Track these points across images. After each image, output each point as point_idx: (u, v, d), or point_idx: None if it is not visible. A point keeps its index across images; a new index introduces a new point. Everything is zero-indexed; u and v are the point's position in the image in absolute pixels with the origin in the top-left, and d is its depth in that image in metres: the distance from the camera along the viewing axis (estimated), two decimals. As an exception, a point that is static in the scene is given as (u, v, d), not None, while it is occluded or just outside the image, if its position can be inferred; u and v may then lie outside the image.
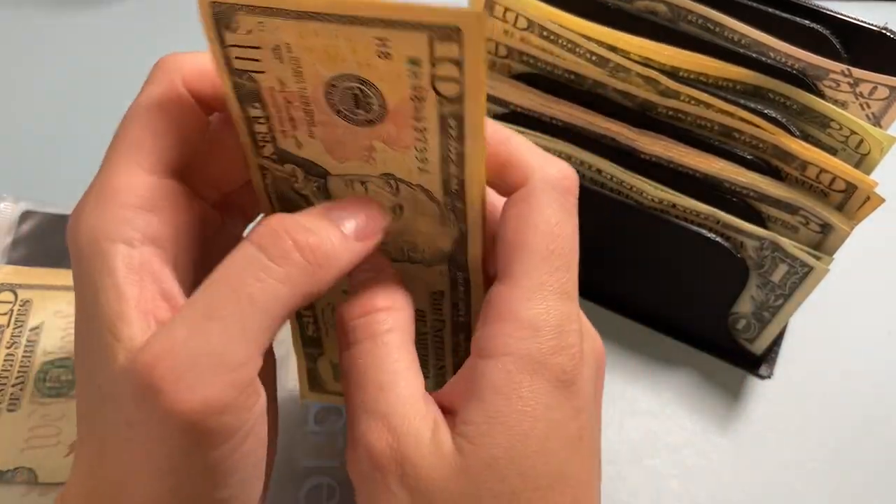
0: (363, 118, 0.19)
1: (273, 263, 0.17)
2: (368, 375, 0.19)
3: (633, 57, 0.31)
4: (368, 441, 0.18)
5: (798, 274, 0.31)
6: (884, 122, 0.30)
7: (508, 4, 0.31)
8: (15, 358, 0.30)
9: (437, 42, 0.16)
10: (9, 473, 0.28)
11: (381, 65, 0.17)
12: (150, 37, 0.47)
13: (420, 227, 0.21)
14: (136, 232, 0.18)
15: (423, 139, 0.18)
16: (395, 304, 0.20)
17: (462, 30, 0.16)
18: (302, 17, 0.17)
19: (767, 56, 0.30)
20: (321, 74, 0.18)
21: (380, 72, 0.17)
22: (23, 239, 0.33)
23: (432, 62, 0.17)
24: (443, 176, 0.19)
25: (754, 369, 0.36)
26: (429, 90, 0.17)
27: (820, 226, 0.30)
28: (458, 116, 0.17)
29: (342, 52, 0.17)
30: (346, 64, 0.17)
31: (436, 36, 0.16)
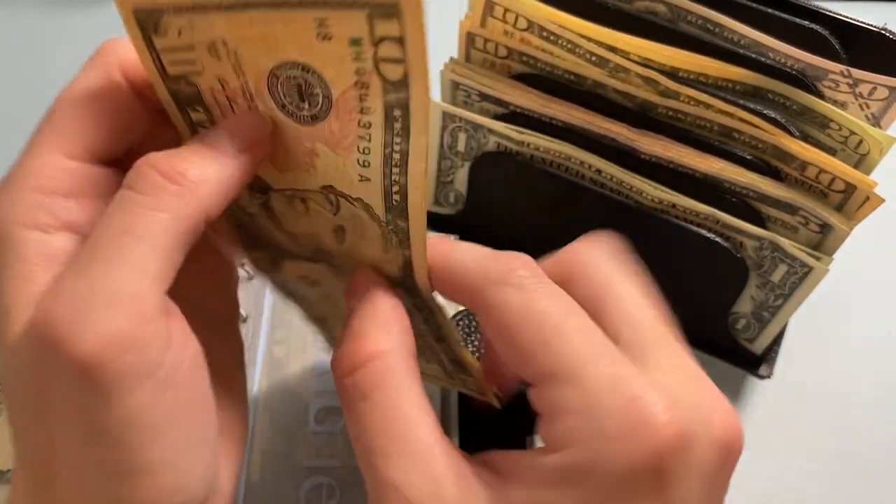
0: (307, 113, 0.18)
1: (145, 195, 0.16)
2: (371, 441, 0.17)
3: (633, 57, 0.31)
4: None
5: (797, 274, 0.31)
6: (883, 123, 0.30)
7: (508, 5, 0.31)
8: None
9: (378, 20, 0.15)
10: (9, 473, 0.28)
11: (322, 48, 0.16)
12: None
13: (365, 253, 0.20)
14: (51, 218, 0.17)
15: (366, 137, 0.17)
16: (383, 344, 0.18)
17: (401, 5, 0.15)
18: (234, 8, 0.16)
19: (767, 56, 0.30)
20: (262, 65, 0.17)
21: (322, 56, 0.16)
22: None
23: (374, 42, 0.16)
24: (384, 183, 0.18)
25: (754, 369, 0.36)
26: (373, 73, 0.16)
27: (819, 226, 0.30)
28: (403, 105, 0.16)
29: (281, 38, 0.16)
30: (287, 50, 0.17)
31: (375, 13, 0.15)
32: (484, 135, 0.33)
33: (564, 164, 0.33)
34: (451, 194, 0.38)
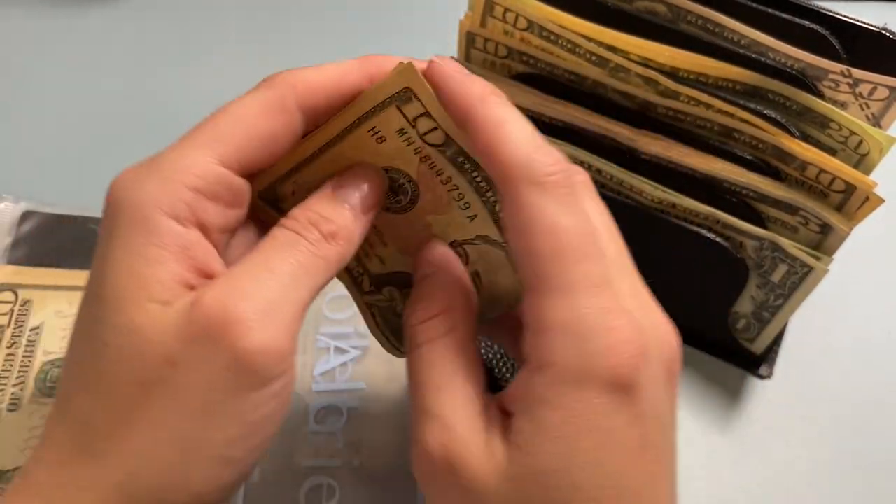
0: (406, 200, 0.22)
1: (312, 245, 0.20)
2: (427, 377, 0.20)
3: (633, 57, 0.31)
4: (425, 440, 0.19)
5: (798, 274, 0.31)
6: (883, 123, 0.30)
7: (508, 5, 0.31)
8: (15, 358, 0.30)
9: (403, 106, 0.19)
10: (9, 473, 0.28)
11: (385, 149, 0.20)
12: (150, 38, 0.47)
13: (501, 285, 0.22)
14: (190, 213, 0.19)
15: (454, 187, 0.21)
16: (451, 303, 0.21)
17: (412, 87, 0.19)
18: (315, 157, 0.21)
19: (767, 56, 0.30)
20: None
21: (387, 154, 0.20)
22: (23, 239, 0.33)
23: (412, 124, 0.20)
24: (488, 210, 0.21)
25: (754, 369, 0.36)
26: (425, 147, 0.20)
27: (819, 226, 0.30)
28: (460, 153, 0.20)
29: (357, 158, 0.20)
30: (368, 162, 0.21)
31: (399, 103, 0.19)
32: (484, 135, 0.34)
33: (564, 164, 0.33)
34: (452, 194, 0.38)
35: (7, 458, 0.28)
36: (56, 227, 0.34)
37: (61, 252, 0.33)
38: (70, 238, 0.33)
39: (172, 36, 0.47)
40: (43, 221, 0.34)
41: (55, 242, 0.33)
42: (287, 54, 0.47)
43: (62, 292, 0.32)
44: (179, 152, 0.19)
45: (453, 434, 0.19)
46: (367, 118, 0.20)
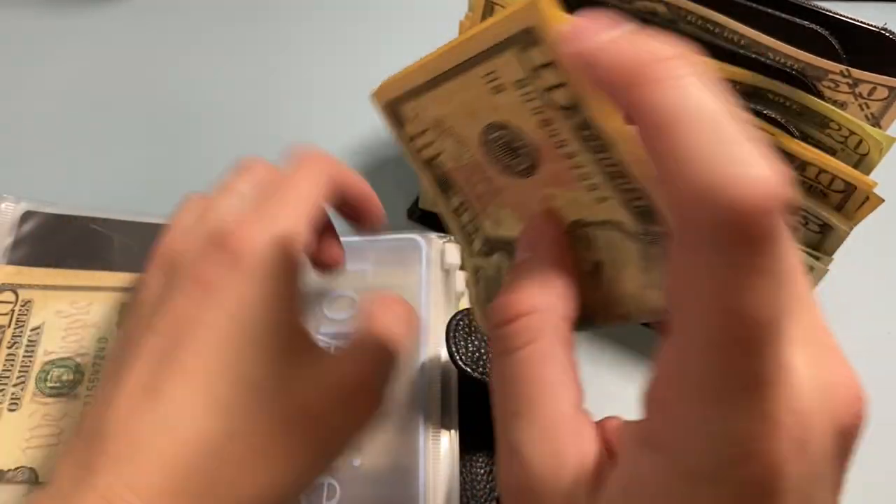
0: (524, 166, 0.18)
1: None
2: (505, 399, 0.17)
3: (633, 57, 0.31)
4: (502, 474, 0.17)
5: (797, 274, 0.31)
6: (883, 123, 0.30)
7: (508, 5, 0.31)
8: (16, 358, 0.30)
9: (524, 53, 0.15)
10: (10, 473, 0.28)
11: (501, 101, 0.17)
12: (150, 38, 0.47)
13: (625, 288, 0.18)
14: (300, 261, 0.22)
15: (579, 165, 0.17)
16: (539, 302, 0.17)
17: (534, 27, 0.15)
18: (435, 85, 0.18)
19: (766, 56, 0.30)
20: (472, 134, 0.18)
21: (505, 108, 0.17)
22: (24, 239, 0.33)
23: (534, 76, 0.16)
24: (621, 197, 0.17)
25: (754, 369, 0.36)
26: (547, 107, 0.16)
27: (819, 226, 0.30)
28: (587, 125, 0.16)
29: (473, 104, 0.17)
30: (482, 114, 0.17)
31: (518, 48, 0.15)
32: (484, 135, 0.33)
33: (564, 164, 0.33)
34: (452, 194, 0.38)
35: (8, 458, 0.28)
36: (57, 227, 0.34)
37: (62, 252, 0.33)
38: (71, 238, 0.33)
39: (173, 36, 0.47)
40: (43, 221, 0.34)
41: (56, 242, 0.33)
42: (287, 55, 0.47)
43: (63, 292, 0.32)
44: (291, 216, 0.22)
45: (531, 474, 0.16)
46: (481, 60, 0.16)
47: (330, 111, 0.44)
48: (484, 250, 0.21)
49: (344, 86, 0.45)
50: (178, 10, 0.48)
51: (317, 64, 0.46)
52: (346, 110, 0.44)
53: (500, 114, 0.17)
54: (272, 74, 0.46)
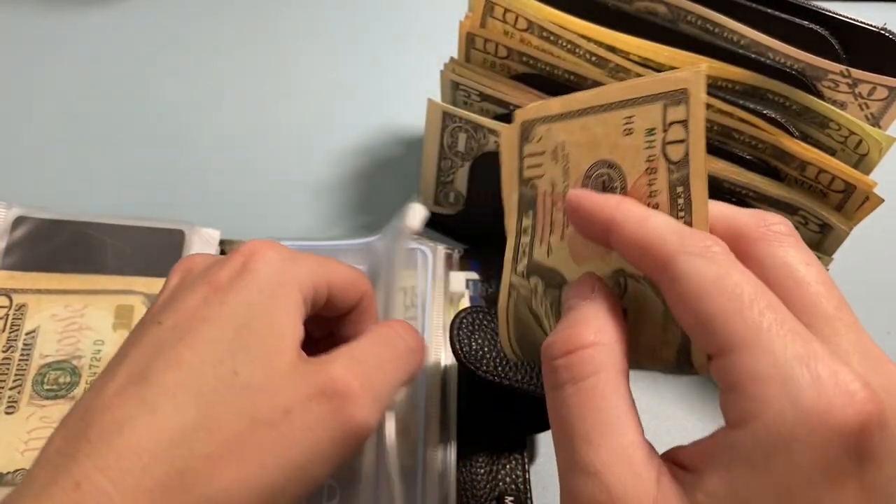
0: None
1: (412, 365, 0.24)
2: (575, 425, 0.17)
3: (633, 57, 0.31)
4: (580, 499, 0.17)
5: (797, 274, 0.31)
6: (883, 123, 0.31)
7: (508, 5, 0.31)
8: (12, 361, 0.30)
9: (670, 107, 0.18)
10: (9, 476, 0.27)
11: (624, 143, 0.19)
12: (147, 40, 0.46)
13: (641, 339, 0.20)
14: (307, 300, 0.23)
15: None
16: (601, 337, 0.18)
17: (689, 90, 0.18)
18: (575, 116, 0.20)
19: (766, 56, 0.30)
20: (582, 166, 0.20)
21: (623, 150, 0.19)
22: (16, 244, 0.33)
23: (665, 128, 0.18)
24: None
25: (753, 369, 0.36)
26: (660, 157, 0.18)
27: (819, 226, 0.30)
28: (685, 181, 0.18)
29: (599, 139, 0.20)
30: (601, 150, 0.20)
31: (668, 102, 0.18)
32: (484, 135, 0.33)
33: (564, 165, 0.33)
34: (451, 194, 0.38)
35: (5, 461, 0.28)
36: (49, 231, 0.34)
37: (55, 256, 0.33)
38: (63, 242, 0.33)
39: (170, 39, 0.47)
40: (36, 226, 0.34)
41: (49, 247, 0.33)
42: (287, 55, 0.46)
43: (57, 296, 0.32)
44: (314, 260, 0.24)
45: (614, 494, 0.16)
46: (631, 105, 0.19)
47: (330, 112, 0.44)
48: (525, 272, 0.22)
49: (344, 86, 0.45)
50: (176, 12, 0.48)
51: (317, 65, 0.46)
52: (346, 111, 0.44)
53: (616, 153, 0.19)
54: (271, 76, 0.45)
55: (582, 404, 0.17)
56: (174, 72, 0.45)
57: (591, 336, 0.18)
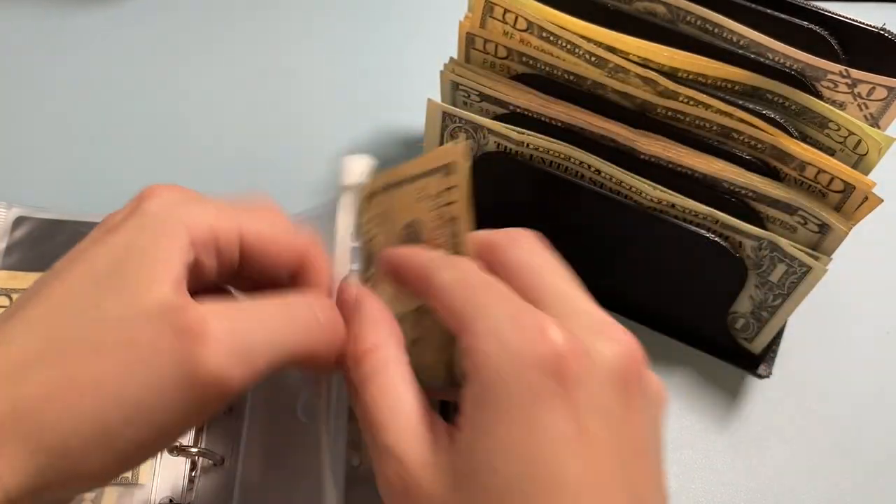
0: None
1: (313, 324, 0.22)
2: (373, 417, 0.21)
3: (633, 58, 0.31)
4: (383, 473, 0.20)
5: (796, 274, 0.31)
6: (882, 123, 0.31)
7: (508, 6, 0.31)
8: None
9: (445, 177, 0.24)
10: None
11: (420, 205, 0.24)
12: (149, 41, 0.46)
13: (425, 359, 0.24)
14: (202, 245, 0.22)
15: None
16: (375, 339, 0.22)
17: (458, 163, 0.23)
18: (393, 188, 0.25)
19: (766, 57, 0.30)
20: (398, 227, 0.25)
21: (421, 211, 0.24)
22: (17, 244, 0.33)
23: (445, 192, 0.24)
24: None
25: (753, 368, 0.36)
26: (441, 216, 0.24)
27: (818, 226, 0.30)
28: (457, 234, 0.24)
29: (408, 203, 0.25)
30: (407, 213, 0.25)
31: (443, 173, 0.24)
32: (484, 135, 0.33)
33: (564, 165, 0.33)
34: (451, 194, 0.38)
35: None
36: (50, 231, 0.34)
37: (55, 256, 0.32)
38: (64, 243, 0.33)
39: (171, 39, 0.47)
40: (36, 226, 0.34)
41: (49, 247, 0.33)
42: (286, 56, 0.47)
43: (60, 294, 0.32)
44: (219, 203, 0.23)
45: (404, 464, 0.20)
46: (425, 176, 0.24)
47: (329, 112, 0.44)
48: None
49: (343, 87, 0.45)
50: (177, 12, 0.48)
51: (316, 65, 0.46)
52: (346, 111, 0.44)
53: (417, 214, 0.24)
54: (272, 76, 0.45)
55: (375, 398, 0.21)
56: (174, 72, 0.45)
57: (366, 344, 0.22)
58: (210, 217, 0.22)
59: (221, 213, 0.22)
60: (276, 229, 0.23)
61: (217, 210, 0.22)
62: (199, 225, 0.22)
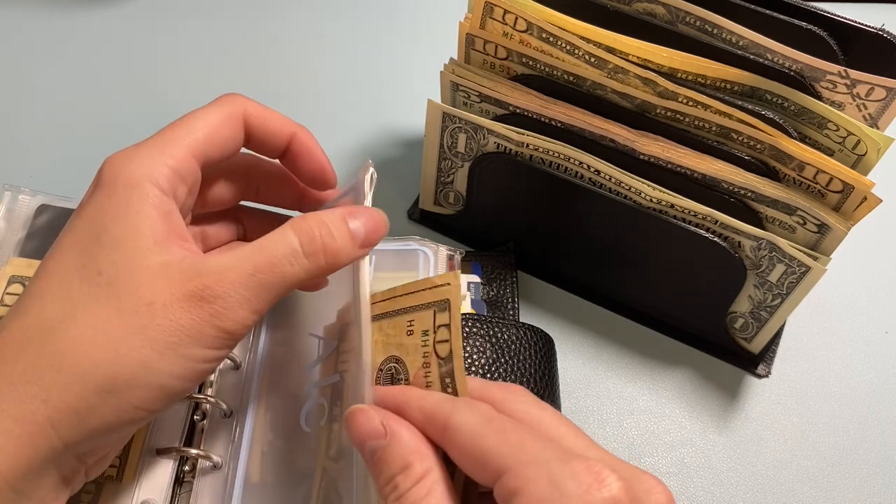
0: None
1: (305, 259, 0.23)
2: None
3: (632, 59, 0.31)
4: None
5: (795, 273, 0.31)
6: (881, 123, 0.31)
7: (507, 7, 0.31)
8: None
9: (438, 313, 0.23)
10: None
11: (407, 342, 0.24)
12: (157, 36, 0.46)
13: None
14: (169, 188, 0.24)
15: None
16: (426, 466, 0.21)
17: (450, 300, 0.23)
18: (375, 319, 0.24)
19: (765, 57, 0.30)
20: (376, 361, 0.24)
21: (406, 348, 0.24)
22: (37, 232, 0.33)
23: (435, 330, 0.23)
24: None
25: (752, 368, 0.36)
26: (432, 355, 0.23)
27: (817, 226, 0.30)
28: (451, 374, 0.23)
29: (390, 339, 0.24)
30: (391, 347, 0.24)
31: (437, 309, 0.23)
32: (484, 135, 0.34)
33: (563, 165, 0.33)
34: (451, 194, 0.38)
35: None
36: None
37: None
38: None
39: (177, 35, 0.47)
40: (57, 215, 0.34)
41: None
42: (287, 56, 0.47)
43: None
44: (163, 141, 0.24)
45: None
46: (413, 311, 0.24)
47: (330, 111, 0.44)
48: (334, 456, 0.26)
49: (344, 86, 0.45)
50: (176, 12, 0.48)
51: (316, 64, 0.46)
52: (346, 111, 0.44)
53: (401, 351, 0.24)
54: (272, 75, 0.46)
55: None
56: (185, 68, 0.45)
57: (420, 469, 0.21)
58: (160, 159, 0.23)
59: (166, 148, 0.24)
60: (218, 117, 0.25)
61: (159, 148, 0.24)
62: (158, 174, 0.23)
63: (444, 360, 0.23)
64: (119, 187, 0.23)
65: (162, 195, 0.23)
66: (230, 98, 0.26)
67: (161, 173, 0.23)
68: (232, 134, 0.26)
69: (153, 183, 0.23)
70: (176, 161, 0.24)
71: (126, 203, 0.23)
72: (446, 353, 0.23)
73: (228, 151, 0.26)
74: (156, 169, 0.23)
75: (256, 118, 0.26)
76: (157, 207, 0.23)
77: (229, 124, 0.25)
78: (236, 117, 0.26)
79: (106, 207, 0.23)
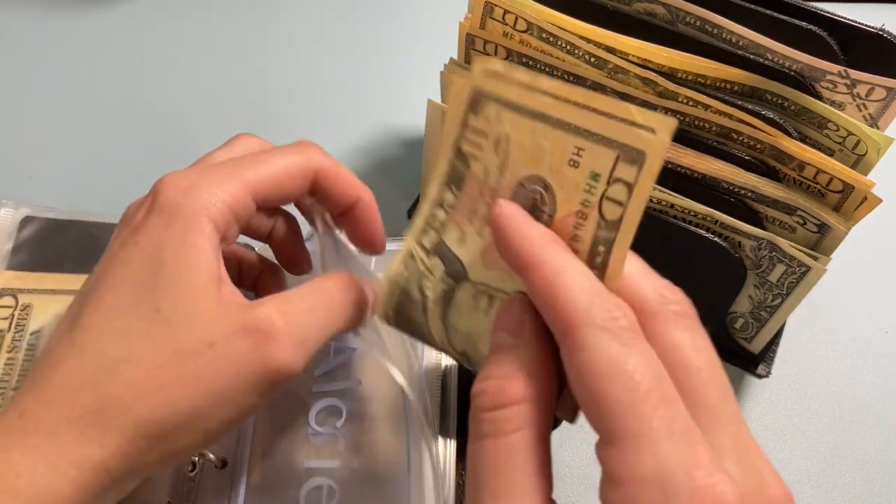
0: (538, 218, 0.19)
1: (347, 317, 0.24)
2: (487, 480, 0.18)
3: (632, 58, 0.31)
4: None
5: (795, 274, 0.31)
6: (881, 123, 0.31)
7: (508, 6, 0.31)
8: (16, 362, 0.30)
9: (621, 162, 0.17)
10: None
11: (567, 172, 0.18)
12: (149, 41, 0.46)
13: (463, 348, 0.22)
14: (223, 225, 0.23)
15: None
16: (529, 393, 0.18)
17: (647, 155, 0.17)
18: (529, 116, 0.19)
19: (765, 57, 0.30)
20: (519, 173, 0.19)
21: (563, 179, 0.19)
22: (23, 244, 0.33)
23: (609, 181, 0.18)
24: None
25: (752, 368, 0.36)
26: (594, 209, 0.18)
27: (817, 226, 0.30)
28: (608, 243, 0.18)
29: (543, 154, 0.19)
30: (542, 166, 0.19)
31: (622, 155, 0.17)
32: (483, 136, 0.33)
33: (563, 165, 0.33)
34: (451, 195, 0.38)
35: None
36: (56, 231, 0.34)
37: (61, 256, 0.33)
38: (70, 242, 0.33)
39: (172, 40, 0.47)
40: (43, 226, 0.34)
41: (55, 247, 0.33)
42: (287, 55, 0.47)
43: (62, 296, 0.32)
44: (226, 175, 0.24)
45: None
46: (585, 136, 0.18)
47: (330, 112, 0.44)
48: (430, 248, 0.22)
49: (344, 86, 0.45)
50: (177, 13, 0.48)
51: (316, 64, 0.46)
52: (346, 111, 0.44)
53: (556, 178, 0.19)
54: (272, 75, 0.45)
55: (498, 461, 0.18)
56: (177, 71, 0.45)
57: (519, 391, 0.18)
58: (220, 192, 0.23)
59: (227, 181, 0.23)
60: (286, 164, 0.25)
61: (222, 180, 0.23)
62: (214, 207, 0.23)
63: (607, 224, 0.18)
64: (178, 217, 0.22)
65: (214, 232, 0.23)
66: (306, 147, 0.26)
67: (219, 210, 0.23)
68: (298, 185, 0.25)
69: (209, 217, 0.23)
70: (234, 199, 0.23)
71: (183, 235, 0.22)
72: (614, 218, 0.18)
73: (287, 201, 0.26)
74: (214, 203, 0.23)
75: (328, 178, 0.26)
76: (211, 242, 0.23)
77: (299, 176, 0.25)
78: (307, 172, 0.25)
79: (164, 239, 0.22)
